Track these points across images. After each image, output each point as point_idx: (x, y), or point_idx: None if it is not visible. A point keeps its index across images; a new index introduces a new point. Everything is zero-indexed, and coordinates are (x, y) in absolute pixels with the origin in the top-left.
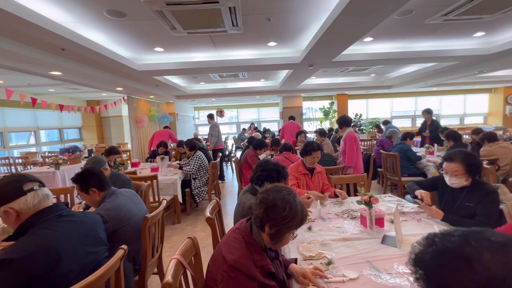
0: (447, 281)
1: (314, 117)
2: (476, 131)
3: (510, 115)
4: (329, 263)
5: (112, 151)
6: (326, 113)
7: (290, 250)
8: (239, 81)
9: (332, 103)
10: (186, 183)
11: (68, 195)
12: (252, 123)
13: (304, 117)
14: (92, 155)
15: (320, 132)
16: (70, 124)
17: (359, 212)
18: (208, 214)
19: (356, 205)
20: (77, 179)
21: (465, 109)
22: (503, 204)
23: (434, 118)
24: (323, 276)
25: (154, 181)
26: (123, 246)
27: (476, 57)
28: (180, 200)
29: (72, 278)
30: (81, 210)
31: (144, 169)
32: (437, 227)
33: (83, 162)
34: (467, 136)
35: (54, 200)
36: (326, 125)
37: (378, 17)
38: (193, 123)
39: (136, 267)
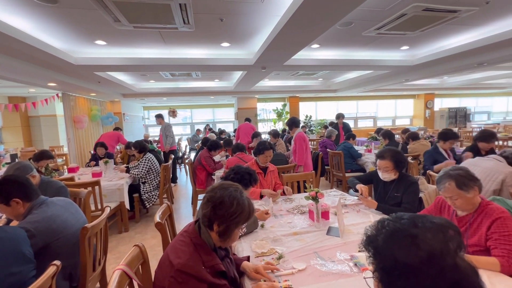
0: (396, 257)
1: (268, 118)
2: (404, 131)
3: (429, 118)
4: (280, 257)
5: (43, 156)
6: (279, 114)
7: (244, 248)
8: (192, 80)
9: (284, 105)
10: (134, 188)
11: None
12: (207, 124)
13: (258, 118)
14: (17, 160)
15: (274, 134)
16: None
17: (308, 207)
18: (157, 219)
19: (306, 201)
20: None
21: (396, 112)
22: (422, 192)
23: (345, 121)
24: (274, 269)
25: (96, 187)
26: (55, 262)
27: (402, 67)
28: (128, 206)
29: None
30: (1, 224)
31: (85, 175)
32: (372, 216)
33: (4, 169)
34: (398, 136)
35: None
36: (279, 126)
37: (322, 26)
38: (143, 123)
39: (74, 284)
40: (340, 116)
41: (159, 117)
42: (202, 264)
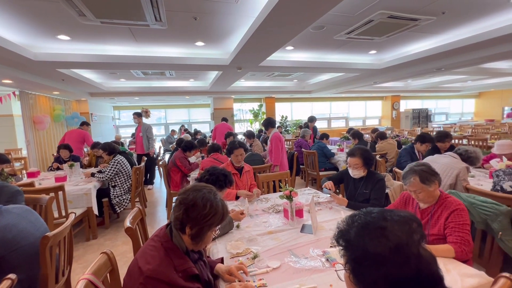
0: (368, 247)
1: (245, 119)
2: (373, 130)
3: (396, 118)
4: (255, 257)
5: None
6: (256, 115)
7: (219, 250)
8: (166, 79)
9: (261, 105)
10: (103, 192)
11: None
12: (183, 125)
13: (235, 118)
14: None
15: (248, 135)
16: None
17: (283, 206)
18: (128, 224)
19: (281, 200)
20: None
21: (366, 112)
22: (388, 188)
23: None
24: (245, 272)
25: (60, 192)
26: (10, 275)
27: (371, 70)
28: (96, 212)
29: None
30: None
31: (47, 179)
32: (343, 212)
33: None
34: (368, 135)
35: None
36: (256, 126)
37: (295, 29)
38: (113, 124)
39: None
40: (312, 119)
41: (138, 116)
42: (173, 269)
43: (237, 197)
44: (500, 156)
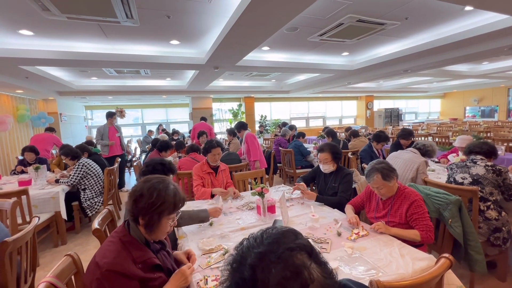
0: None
1: (224, 118)
2: (347, 129)
3: (370, 117)
4: (226, 252)
5: None
6: (235, 115)
7: (191, 246)
8: (141, 78)
9: (240, 105)
10: (73, 195)
11: None
12: (160, 125)
13: (214, 118)
14: None
15: (230, 132)
16: None
17: (256, 202)
18: (96, 225)
19: (253, 197)
20: None
21: (342, 112)
22: (355, 183)
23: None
24: (193, 259)
25: (24, 196)
26: None
27: (344, 71)
28: (65, 216)
29: None
30: None
31: (9, 184)
32: (313, 207)
33: None
34: (343, 134)
35: None
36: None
37: (269, 29)
38: (85, 124)
39: None
40: (293, 128)
41: (110, 116)
42: (132, 261)
43: (212, 196)
44: (460, 149)
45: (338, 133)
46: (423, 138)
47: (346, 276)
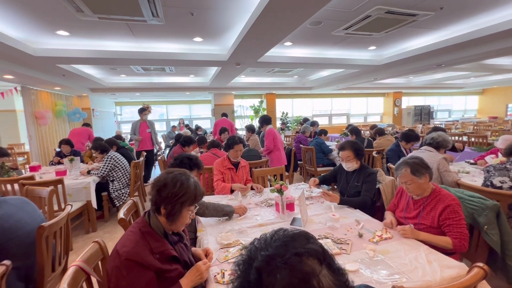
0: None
1: (245, 115)
2: (372, 127)
3: (397, 115)
4: (243, 247)
5: None
6: (256, 111)
7: (209, 241)
8: (166, 75)
9: (261, 102)
10: (103, 186)
11: None
12: (182, 119)
13: (235, 114)
14: None
15: (248, 128)
16: None
17: (275, 199)
18: (121, 215)
19: (272, 194)
20: None
21: (367, 109)
22: (380, 183)
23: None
24: (210, 258)
25: (59, 186)
26: (4, 262)
27: (371, 66)
28: (95, 205)
29: None
30: None
31: (48, 174)
32: (333, 206)
33: None
34: (368, 132)
35: None
36: (256, 123)
37: (291, 24)
38: (115, 120)
39: (30, 286)
40: (314, 124)
41: (141, 111)
42: (150, 251)
43: (232, 191)
44: (500, 151)
45: (362, 131)
46: (456, 137)
47: (366, 280)
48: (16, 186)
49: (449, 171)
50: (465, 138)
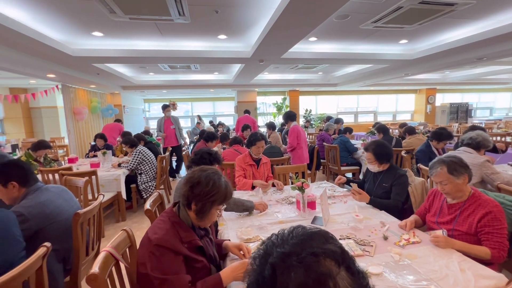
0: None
1: (268, 112)
2: (402, 125)
3: (430, 113)
4: (263, 243)
5: (40, 146)
6: (279, 108)
7: (230, 235)
8: (192, 73)
9: (284, 99)
10: (132, 179)
11: None
12: (198, 116)
13: (258, 111)
14: (18, 151)
15: (269, 125)
16: None
17: (296, 197)
18: (148, 206)
19: (294, 191)
20: None
21: (396, 107)
22: (409, 185)
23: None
24: (245, 253)
25: (93, 177)
26: (45, 243)
27: (402, 61)
28: (124, 196)
29: None
30: None
31: (83, 165)
32: (357, 207)
33: None
34: (396, 131)
35: None
36: (279, 120)
37: (317, 18)
38: (144, 116)
39: (67, 267)
40: (339, 121)
41: (164, 108)
42: (179, 240)
43: (253, 187)
44: None
45: (391, 130)
46: (499, 138)
47: (391, 284)
48: (56, 175)
49: (497, 173)
50: (508, 139)
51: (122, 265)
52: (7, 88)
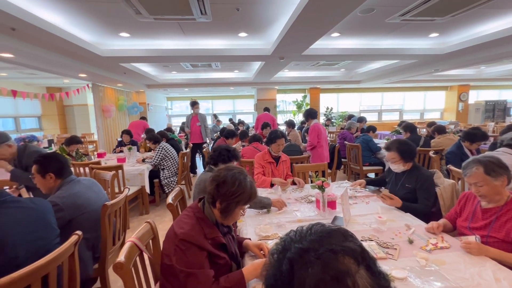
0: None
1: (288, 110)
2: (430, 124)
3: (463, 111)
4: (280, 239)
5: (72, 141)
6: (299, 106)
7: (248, 232)
8: (212, 71)
9: (305, 96)
10: (155, 174)
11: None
12: (215, 114)
13: (278, 109)
14: (53, 145)
15: (288, 123)
16: (27, 113)
17: (315, 196)
18: (170, 200)
19: (313, 190)
20: (38, 160)
21: (424, 105)
22: (437, 187)
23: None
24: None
25: (120, 171)
26: (77, 232)
27: (432, 56)
28: (148, 190)
29: (20, 264)
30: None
31: (111, 160)
32: (380, 208)
33: None
34: (424, 130)
35: None
36: (299, 118)
37: (340, 12)
38: (166, 113)
39: (96, 255)
40: (362, 120)
41: (192, 105)
42: (203, 236)
43: (272, 185)
44: None
45: (418, 129)
46: None
47: None
48: (86, 169)
49: None
50: None
51: (145, 256)
52: (44, 87)
